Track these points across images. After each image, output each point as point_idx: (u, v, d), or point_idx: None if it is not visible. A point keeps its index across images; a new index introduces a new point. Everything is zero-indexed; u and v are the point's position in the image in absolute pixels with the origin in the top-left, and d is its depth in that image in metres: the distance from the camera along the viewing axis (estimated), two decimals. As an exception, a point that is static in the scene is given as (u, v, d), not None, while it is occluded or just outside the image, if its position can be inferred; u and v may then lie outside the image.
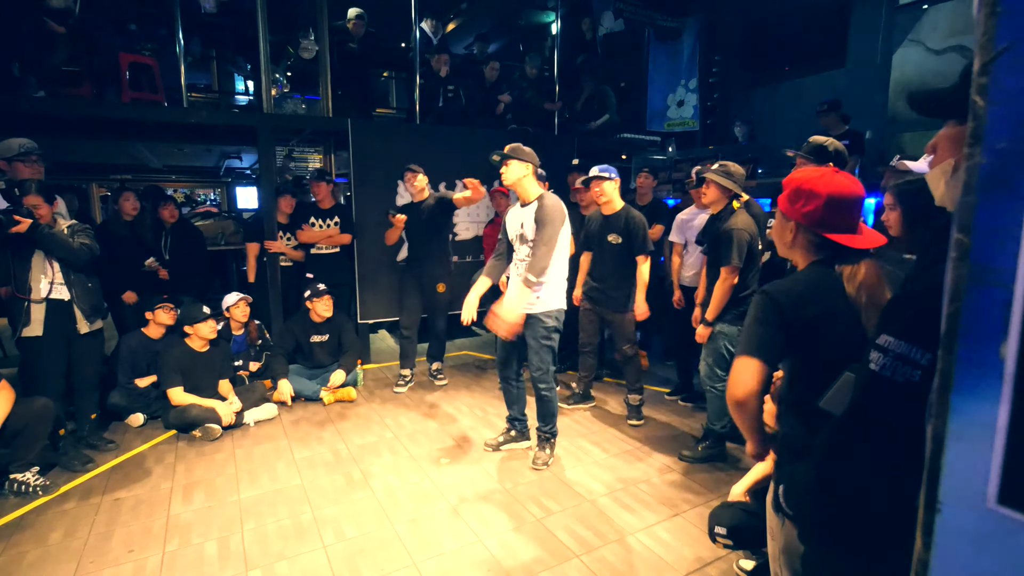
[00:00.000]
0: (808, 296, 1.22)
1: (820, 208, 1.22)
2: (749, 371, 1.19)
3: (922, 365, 0.94)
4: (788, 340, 1.21)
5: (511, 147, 2.98)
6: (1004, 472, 0.59)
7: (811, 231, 1.26)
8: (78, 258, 3.00)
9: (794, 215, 1.28)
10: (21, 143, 3.10)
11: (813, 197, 1.23)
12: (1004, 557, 0.59)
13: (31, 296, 2.90)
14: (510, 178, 2.98)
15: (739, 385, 1.20)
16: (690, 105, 6.82)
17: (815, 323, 1.20)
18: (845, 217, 1.23)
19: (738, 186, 2.96)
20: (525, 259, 2.98)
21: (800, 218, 1.26)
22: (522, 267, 2.99)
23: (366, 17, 5.24)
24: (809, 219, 1.24)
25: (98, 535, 2.50)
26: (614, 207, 3.56)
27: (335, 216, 4.59)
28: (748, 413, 1.21)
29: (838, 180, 1.23)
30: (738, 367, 1.22)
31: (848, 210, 1.23)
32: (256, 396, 3.88)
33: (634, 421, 3.73)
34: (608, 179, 3.48)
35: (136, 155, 7.07)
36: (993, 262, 0.59)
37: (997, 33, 0.57)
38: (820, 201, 1.22)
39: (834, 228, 1.23)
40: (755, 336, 1.22)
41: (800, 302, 1.21)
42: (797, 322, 1.19)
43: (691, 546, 2.43)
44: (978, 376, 0.61)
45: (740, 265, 2.89)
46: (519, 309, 2.88)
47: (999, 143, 0.58)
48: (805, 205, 1.24)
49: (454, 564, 2.30)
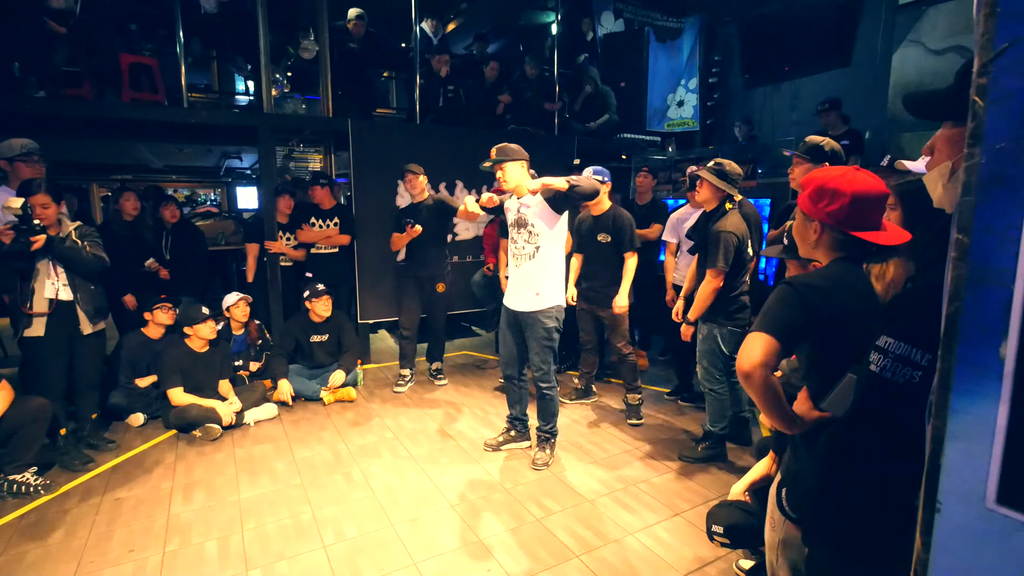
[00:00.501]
0: (830, 290, 1.20)
1: (846, 207, 1.21)
2: (756, 344, 1.18)
3: (922, 366, 0.94)
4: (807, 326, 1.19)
5: (498, 150, 2.94)
6: (1003, 472, 0.59)
7: (836, 230, 1.25)
8: (91, 270, 3.04)
9: (818, 215, 1.26)
10: (22, 143, 3.11)
11: (838, 196, 1.22)
12: (1003, 556, 0.59)
13: (33, 309, 2.91)
14: (512, 180, 2.96)
15: (745, 357, 1.18)
16: (690, 105, 6.82)
17: (837, 315, 1.19)
18: (871, 215, 1.23)
19: (732, 186, 2.92)
20: (522, 249, 3.00)
21: (824, 217, 1.25)
22: (522, 260, 3.01)
23: (366, 17, 5.24)
24: (834, 218, 1.23)
25: (98, 535, 2.50)
26: (602, 208, 3.61)
27: (335, 216, 4.59)
28: (755, 386, 1.19)
29: (862, 178, 1.23)
30: (747, 341, 1.20)
31: (874, 208, 1.22)
32: (256, 396, 3.88)
33: (634, 420, 3.73)
34: (601, 183, 3.49)
35: (136, 155, 7.07)
36: (993, 262, 0.59)
37: (997, 33, 0.57)
38: (846, 200, 1.21)
39: (860, 226, 1.22)
40: (769, 316, 1.21)
41: (823, 295, 1.19)
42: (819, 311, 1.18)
43: (691, 546, 2.43)
44: (978, 376, 0.61)
45: (726, 268, 2.87)
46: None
47: (998, 143, 0.58)
48: (829, 204, 1.23)
49: (454, 564, 2.30)
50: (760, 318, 1.23)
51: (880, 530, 1.07)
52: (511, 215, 3.07)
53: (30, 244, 2.77)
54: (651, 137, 6.97)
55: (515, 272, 3.06)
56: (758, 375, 1.16)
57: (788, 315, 1.19)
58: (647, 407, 3.98)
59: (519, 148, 2.97)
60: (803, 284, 1.22)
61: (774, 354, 1.17)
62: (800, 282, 1.22)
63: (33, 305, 2.91)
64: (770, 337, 1.17)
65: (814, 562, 1.21)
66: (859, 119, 4.81)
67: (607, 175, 3.58)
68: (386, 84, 7.54)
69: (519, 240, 3.02)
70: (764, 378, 1.17)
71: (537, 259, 2.97)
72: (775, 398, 1.21)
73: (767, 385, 1.18)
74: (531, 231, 2.96)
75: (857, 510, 1.10)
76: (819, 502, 1.15)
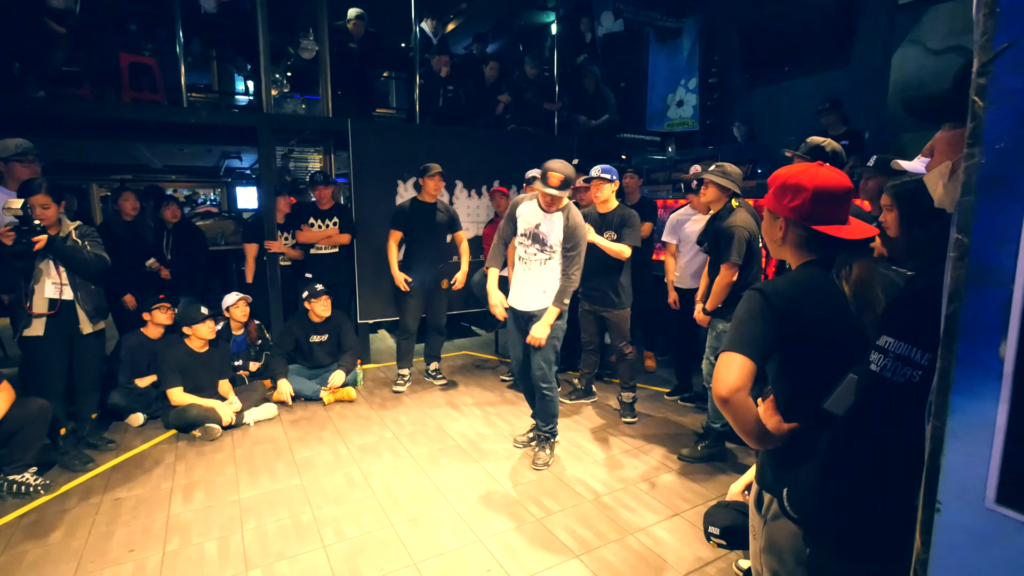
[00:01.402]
0: (799, 296, 1.20)
1: (807, 202, 1.22)
2: (732, 367, 1.16)
3: (922, 366, 0.94)
4: (778, 339, 1.19)
5: (566, 178, 2.86)
6: (1003, 472, 0.59)
7: (799, 225, 1.25)
8: (92, 269, 3.04)
9: (781, 211, 1.27)
10: (17, 143, 3.11)
11: (799, 191, 1.23)
12: (1002, 556, 0.59)
13: (33, 310, 2.91)
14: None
15: (721, 381, 1.17)
16: (690, 105, 6.81)
17: (806, 323, 1.19)
18: (833, 210, 1.23)
19: (736, 185, 2.99)
20: (534, 256, 3.01)
21: (788, 213, 1.26)
22: (532, 264, 3.02)
23: (366, 17, 5.24)
24: (797, 213, 1.24)
25: (98, 535, 2.50)
26: (610, 207, 3.60)
27: (334, 216, 4.59)
28: (733, 411, 1.17)
29: (823, 173, 1.23)
30: (721, 363, 1.19)
31: (836, 202, 1.23)
32: (256, 396, 3.88)
33: (628, 419, 3.74)
34: (609, 181, 3.49)
35: (136, 155, 7.07)
36: (993, 262, 0.59)
37: (997, 33, 0.57)
38: (807, 195, 1.22)
39: (822, 221, 1.23)
40: (741, 332, 1.20)
41: (791, 301, 1.19)
42: (788, 321, 1.18)
43: (691, 546, 2.43)
44: (978, 376, 0.61)
45: (739, 262, 2.93)
46: (549, 326, 2.99)
47: (998, 143, 0.58)
48: (792, 200, 1.24)
49: (454, 564, 2.31)
50: (731, 333, 1.21)
51: (880, 530, 1.07)
52: (524, 225, 3.07)
53: (32, 245, 2.77)
54: (651, 137, 6.97)
55: (523, 274, 3.07)
56: (736, 400, 1.16)
57: (760, 331, 1.18)
58: (647, 407, 3.99)
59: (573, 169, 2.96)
60: (773, 292, 1.21)
61: (750, 376, 1.16)
62: (769, 290, 1.22)
63: (33, 305, 2.91)
64: (745, 359, 1.16)
65: (814, 562, 1.21)
66: (859, 119, 4.80)
67: (615, 173, 3.56)
68: (386, 84, 7.55)
69: (530, 249, 3.04)
70: (742, 402, 1.16)
71: (548, 265, 3.02)
72: (752, 420, 1.21)
73: (745, 408, 1.18)
74: (544, 245, 3.00)
75: (857, 510, 1.10)
76: (819, 502, 1.15)
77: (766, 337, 1.19)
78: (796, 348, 1.22)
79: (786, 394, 1.27)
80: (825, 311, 1.20)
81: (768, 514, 1.32)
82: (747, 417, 1.20)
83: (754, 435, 1.23)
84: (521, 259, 3.08)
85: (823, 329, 1.20)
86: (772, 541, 1.30)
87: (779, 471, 1.29)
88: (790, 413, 1.25)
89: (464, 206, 5.28)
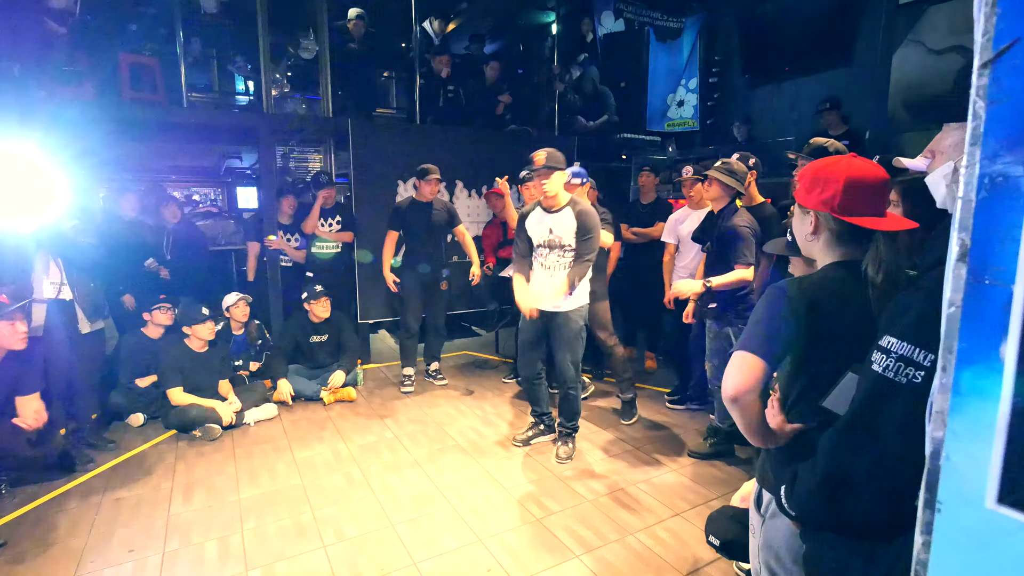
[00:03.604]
0: (824, 300, 1.16)
1: (838, 193, 1.16)
2: (744, 367, 1.14)
3: (925, 367, 0.94)
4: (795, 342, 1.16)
5: (547, 155, 2.85)
6: (1003, 472, 0.59)
7: (832, 219, 1.19)
8: (89, 265, 3.03)
9: (812, 204, 1.21)
10: None
11: (830, 183, 1.17)
12: (1003, 557, 0.59)
13: None
14: (554, 189, 2.92)
15: (732, 381, 1.15)
16: (690, 105, 6.81)
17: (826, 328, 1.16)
18: (866, 201, 1.16)
19: (741, 184, 2.97)
20: (556, 261, 3.00)
21: (819, 206, 1.20)
22: (556, 271, 3.00)
23: (366, 17, 5.23)
24: (828, 206, 1.18)
25: (98, 535, 2.50)
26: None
27: (337, 215, 4.61)
28: (741, 411, 1.16)
29: (856, 164, 1.18)
30: (734, 362, 1.16)
31: (869, 193, 1.17)
32: (256, 396, 3.88)
33: (626, 420, 3.74)
34: (580, 184, 3.45)
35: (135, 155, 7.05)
36: (993, 262, 0.59)
37: (997, 33, 0.57)
38: (839, 185, 1.15)
39: (855, 213, 1.16)
40: (757, 333, 1.17)
41: (813, 305, 1.15)
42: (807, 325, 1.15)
43: (691, 546, 2.43)
44: (978, 376, 0.61)
45: (753, 261, 2.89)
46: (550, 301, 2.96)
47: (999, 143, 0.58)
48: (823, 192, 1.18)
49: (454, 564, 2.30)
50: (748, 332, 1.19)
51: (880, 530, 1.07)
52: (537, 235, 3.05)
53: None
54: (651, 137, 6.97)
55: (546, 279, 3.05)
56: (746, 401, 1.14)
57: (777, 333, 1.16)
58: (648, 407, 3.98)
59: (561, 155, 2.93)
60: (797, 293, 1.17)
61: (762, 377, 1.14)
62: (794, 291, 1.18)
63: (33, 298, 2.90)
64: (758, 360, 1.13)
65: (811, 559, 1.21)
66: (859, 119, 4.80)
67: (584, 175, 3.53)
68: (386, 84, 7.53)
69: (550, 257, 3.03)
70: (751, 403, 1.15)
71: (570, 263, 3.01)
72: (759, 420, 1.20)
73: (753, 409, 1.17)
74: (564, 249, 2.98)
75: (857, 510, 1.10)
76: (818, 498, 1.15)
77: (783, 340, 1.15)
78: (811, 352, 1.18)
79: (793, 395, 1.25)
80: (847, 318, 1.16)
81: (767, 512, 1.32)
82: (753, 417, 1.19)
83: (758, 434, 1.23)
84: (544, 267, 3.07)
85: (843, 336, 1.16)
86: (770, 539, 1.30)
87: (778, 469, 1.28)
88: (795, 413, 1.24)
89: (464, 206, 5.28)
